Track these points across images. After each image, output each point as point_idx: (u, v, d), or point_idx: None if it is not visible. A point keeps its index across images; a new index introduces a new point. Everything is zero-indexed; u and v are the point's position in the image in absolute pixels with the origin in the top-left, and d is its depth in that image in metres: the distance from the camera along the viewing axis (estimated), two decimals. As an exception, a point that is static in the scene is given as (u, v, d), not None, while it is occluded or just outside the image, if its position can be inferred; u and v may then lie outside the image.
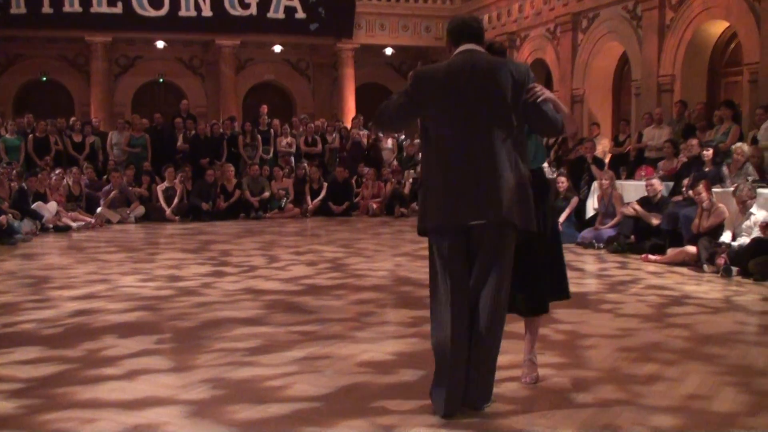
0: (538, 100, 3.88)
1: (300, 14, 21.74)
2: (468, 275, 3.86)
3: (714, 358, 5.00)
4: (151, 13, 20.75)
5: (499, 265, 3.84)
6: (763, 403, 4.11)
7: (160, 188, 15.40)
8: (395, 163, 17.62)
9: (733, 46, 14.75)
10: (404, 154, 18.15)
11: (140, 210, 15.09)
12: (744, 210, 8.76)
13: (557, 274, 4.41)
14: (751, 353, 5.18)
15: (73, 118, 17.81)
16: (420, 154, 4.13)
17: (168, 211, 15.11)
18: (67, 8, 20.27)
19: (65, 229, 13.21)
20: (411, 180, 16.65)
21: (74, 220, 13.64)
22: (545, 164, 4.42)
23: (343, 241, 11.80)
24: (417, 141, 18.17)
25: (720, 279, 8.23)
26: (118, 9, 20.58)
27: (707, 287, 7.76)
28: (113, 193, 14.81)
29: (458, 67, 3.87)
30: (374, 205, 16.24)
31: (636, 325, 5.95)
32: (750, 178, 9.55)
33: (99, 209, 14.65)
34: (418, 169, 16.89)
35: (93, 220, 14.02)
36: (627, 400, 4.10)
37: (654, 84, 15.48)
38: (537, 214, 4.00)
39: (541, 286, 4.30)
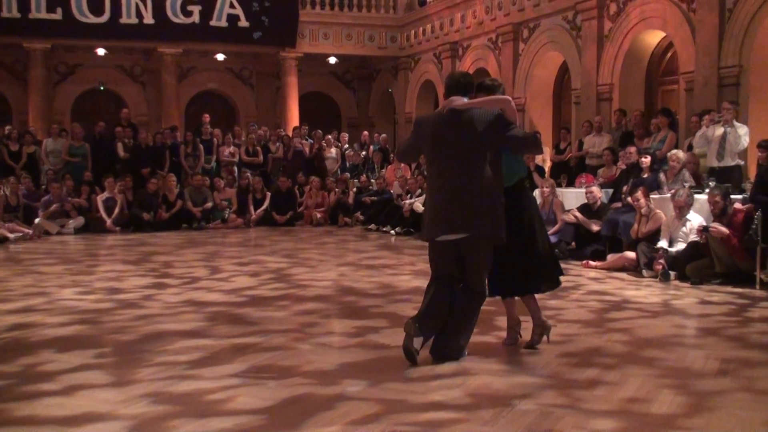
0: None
1: (243, 23, 21.58)
2: (454, 272, 5.12)
3: (653, 361, 5.10)
4: (92, 19, 20.37)
5: (475, 264, 5.09)
6: (701, 404, 4.20)
7: (100, 198, 15.14)
8: (347, 174, 17.59)
9: (669, 55, 15.07)
10: (347, 163, 18.15)
11: (80, 221, 14.83)
12: (680, 216, 8.95)
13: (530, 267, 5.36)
14: (689, 355, 5.29)
15: (8, 127, 17.40)
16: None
17: (108, 221, 14.86)
18: (4, 13, 19.75)
19: (2, 241, 12.90)
20: (355, 189, 16.66)
21: (11, 231, 13.33)
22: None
23: (286, 251, 11.74)
24: (363, 153, 18.28)
25: (658, 283, 8.40)
26: (58, 15, 20.12)
27: (646, 292, 7.91)
28: (54, 206, 14.53)
29: (439, 115, 5.23)
30: (318, 215, 16.19)
31: (577, 331, 6.03)
32: (687, 184, 9.76)
33: (37, 220, 14.36)
34: (362, 178, 16.94)
35: (31, 232, 13.73)
36: (568, 405, 4.15)
37: (593, 93, 15.73)
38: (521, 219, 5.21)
39: (515, 274, 5.29)
